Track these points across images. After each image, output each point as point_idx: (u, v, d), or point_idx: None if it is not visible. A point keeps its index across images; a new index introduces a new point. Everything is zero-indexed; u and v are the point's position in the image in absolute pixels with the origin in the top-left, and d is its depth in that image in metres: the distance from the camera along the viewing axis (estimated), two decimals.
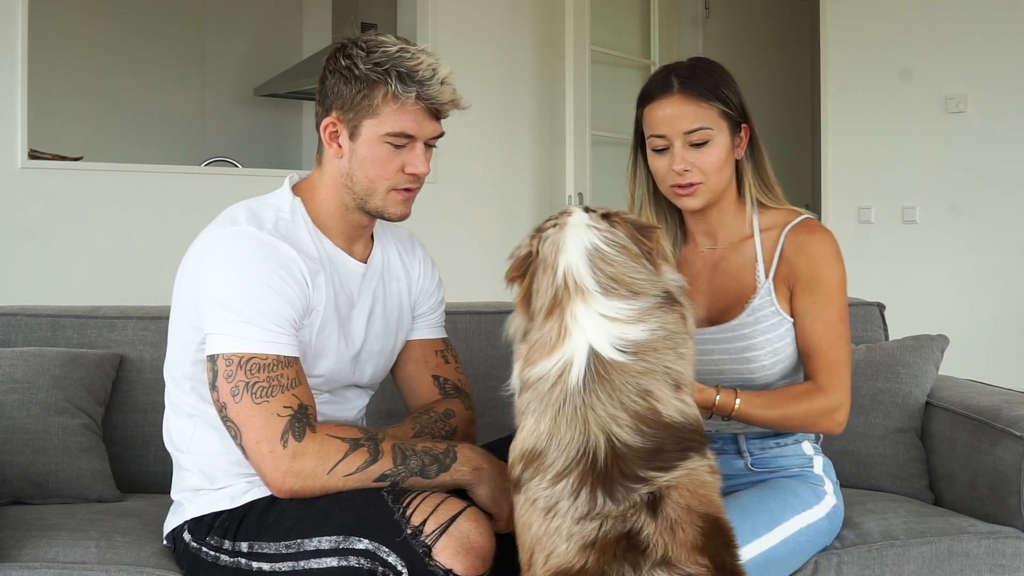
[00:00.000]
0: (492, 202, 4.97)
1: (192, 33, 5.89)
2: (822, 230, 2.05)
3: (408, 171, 1.90)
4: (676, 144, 1.99)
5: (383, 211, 1.93)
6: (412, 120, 1.87)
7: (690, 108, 1.98)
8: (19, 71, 3.86)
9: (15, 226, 3.89)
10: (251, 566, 1.81)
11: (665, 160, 2.01)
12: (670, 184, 2.01)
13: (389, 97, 1.85)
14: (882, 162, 4.90)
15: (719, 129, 2.00)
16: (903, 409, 2.48)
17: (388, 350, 2.06)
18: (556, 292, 1.67)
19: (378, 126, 1.87)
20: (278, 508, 1.83)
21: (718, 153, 2.00)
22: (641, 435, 1.58)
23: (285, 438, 1.77)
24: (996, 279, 4.65)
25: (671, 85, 2.00)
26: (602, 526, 1.56)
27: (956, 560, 2.12)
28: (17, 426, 2.28)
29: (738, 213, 2.08)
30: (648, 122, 2.03)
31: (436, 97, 1.88)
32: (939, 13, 4.77)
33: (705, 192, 2.01)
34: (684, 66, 2.04)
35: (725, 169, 2.02)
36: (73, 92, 5.29)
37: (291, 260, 1.84)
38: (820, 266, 2.00)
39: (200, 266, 1.86)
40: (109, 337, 2.53)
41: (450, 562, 1.68)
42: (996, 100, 4.64)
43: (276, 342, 1.80)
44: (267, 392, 1.77)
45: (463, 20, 4.88)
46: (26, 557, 1.91)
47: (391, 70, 1.85)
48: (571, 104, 4.72)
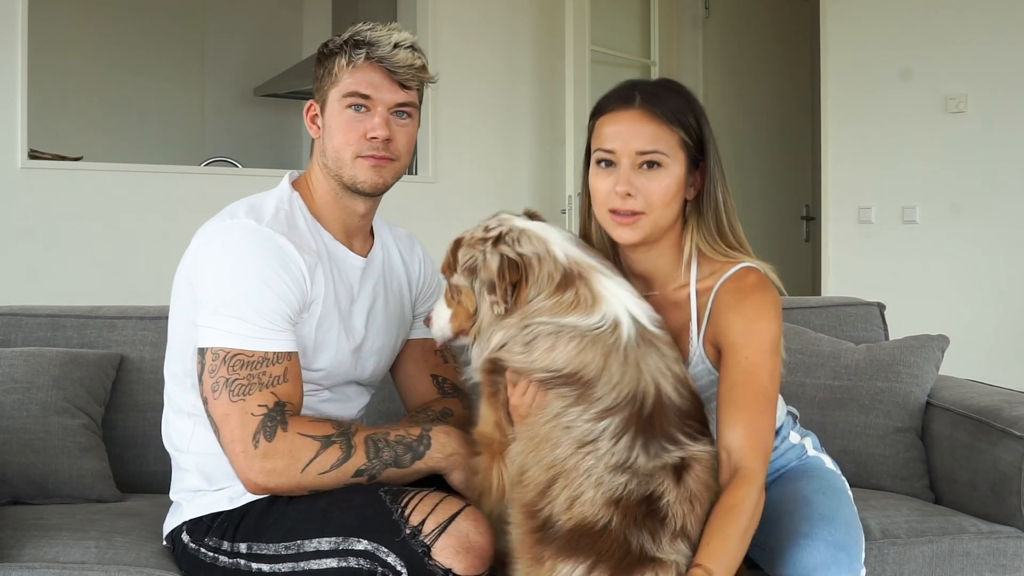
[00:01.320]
0: (492, 202, 4.95)
1: (192, 33, 5.89)
2: (757, 285, 1.80)
3: (369, 136, 1.90)
4: (624, 163, 1.78)
5: (355, 181, 1.93)
6: (365, 81, 1.91)
7: (649, 127, 1.78)
8: (19, 71, 3.86)
9: (15, 226, 3.89)
10: (250, 567, 1.81)
11: (609, 179, 1.79)
12: (609, 208, 1.80)
13: (344, 62, 1.91)
14: (882, 162, 4.90)
15: (675, 159, 1.79)
16: (903, 409, 2.48)
17: (389, 346, 2.06)
18: (566, 271, 1.72)
19: (338, 92, 1.92)
20: (277, 509, 1.83)
21: (668, 183, 1.78)
22: (680, 395, 1.69)
23: (257, 438, 1.77)
24: (996, 279, 4.65)
25: (632, 99, 1.80)
26: (628, 484, 1.62)
27: (957, 559, 2.13)
28: (17, 426, 2.28)
29: (677, 259, 1.86)
30: (599, 135, 1.82)
31: (388, 58, 1.91)
32: (939, 13, 4.77)
33: (646, 226, 1.79)
34: (651, 83, 1.87)
35: (672, 204, 1.81)
36: (73, 92, 5.29)
37: (288, 254, 1.85)
38: (749, 321, 1.76)
39: (197, 257, 1.87)
40: (109, 337, 2.53)
41: (449, 561, 1.68)
42: (996, 100, 4.64)
43: (265, 338, 1.80)
44: (245, 390, 1.78)
45: (463, 20, 4.88)
46: (26, 557, 1.91)
47: (350, 40, 1.92)
48: (571, 104, 4.72)
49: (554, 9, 4.92)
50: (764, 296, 1.79)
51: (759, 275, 1.82)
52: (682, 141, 1.80)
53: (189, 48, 5.88)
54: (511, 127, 4.99)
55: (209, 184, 4.45)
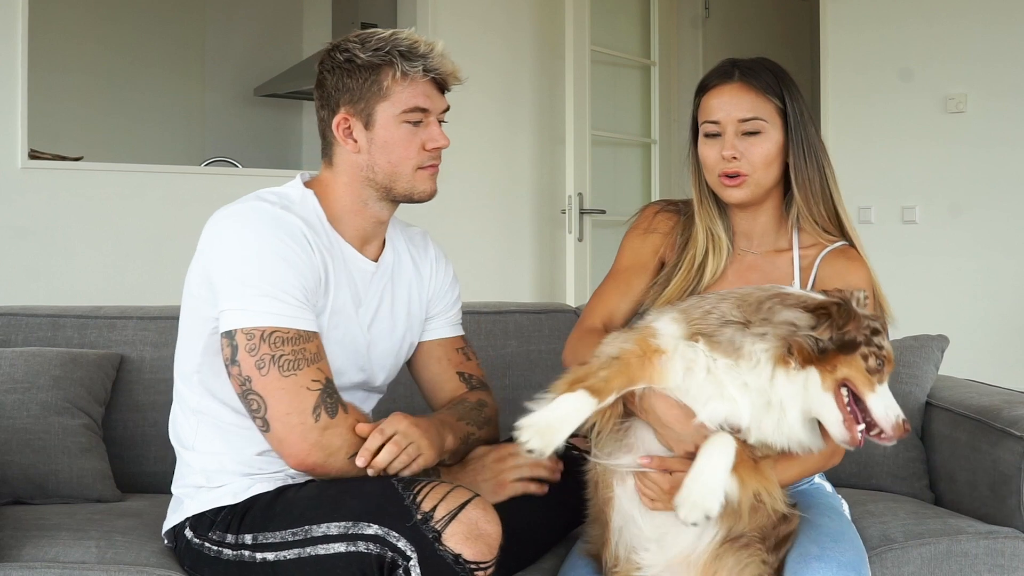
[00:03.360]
0: (492, 202, 4.97)
1: (192, 33, 5.89)
2: (860, 258, 2.03)
3: (429, 147, 1.92)
4: (728, 131, 1.98)
5: (411, 192, 1.94)
6: (423, 94, 1.91)
7: (747, 97, 1.98)
8: (19, 71, 3.85)
9: (15, 226, 3.89)
10: (255, 557, 1.81)
11: (716, 147, 2.00)
12: (718, 173, 2.00)
13: (398, 76, 1.89)
14: (882, 162, 4.90)
15: (772, 124, 1.99)
16: (903, 409, 2.47)
17: (395, 351, 2.06)
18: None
19: (392, 107, 1.90)
20: (285, 499, 1.84)
21: (768, 147, 1.99)
22: None
23: (317, 412, 1.79)
24: (996, 279, 4.64)
25: (732, 74, 2.01)
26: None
27: (955, 560, 2.13)
28: (17, 426, 2.28)
29: (780, 223, 2.06)
30: (704, 108, 2.03)
31: (440, 67, 1.92)
32: (939, 13, 4.76)
33: (751, 185, 1.99)
34: (749, 60, 2.05)
35: (773, 166, 2.00)
36: (73, 92, 5.29)
37: (300, 232, 1.85)
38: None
39: (212, 244, 1.86)
40: (109, 337, 2.53)
41: (459, 547, 1.69)
42: (996, 100, 4.64)
43: (295, 316, 1.81)
44: (294, 365, 1.79)
45: (463, 20, 4.87)
46: (26, 557, 1.91)
47: (392, 51, 1.89)
48: (571, 104, 4.71)
49: (554, 9, 4.92)
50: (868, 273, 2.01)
51: (859, 254, 2.03)
52: (778, 109, 1.99)
53: (189, 48, 5.88)
54: (511, 127, 4.99)
55: (209, 184, 4.44)
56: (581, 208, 4.74)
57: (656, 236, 2.12)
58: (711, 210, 2.06)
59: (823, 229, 2.03)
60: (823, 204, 2.03)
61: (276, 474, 1.91)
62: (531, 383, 2.64)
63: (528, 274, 5.05)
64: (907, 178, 4.84)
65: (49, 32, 4.82)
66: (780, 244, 2.06)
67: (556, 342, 2.71)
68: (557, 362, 2.69)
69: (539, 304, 2.87)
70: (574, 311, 2.79)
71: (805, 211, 2.02)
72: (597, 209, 4.81)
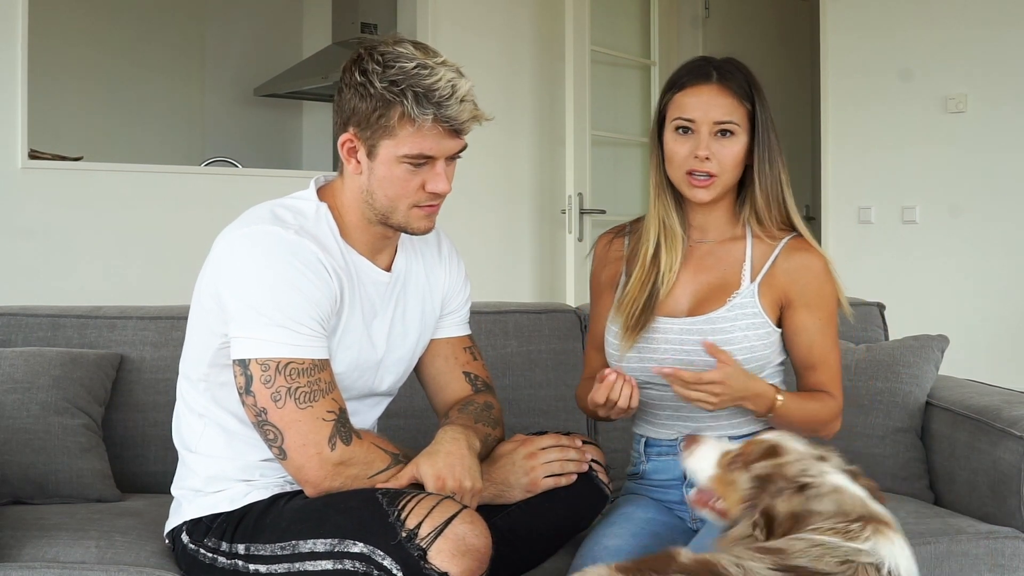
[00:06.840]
0: (492, 202, 4.97)
1: (192, 33, 5.89)
2: (817, 249, 2.09)
3: (428, 190, 1.86)
4: (703, 131, 2.02)
5: (406, 226, 1.90)
6: (429, 141, 1.82)
7: (724, 100, 2.03)
8: (19, 71, 3.85)
9: (15, 226, 3.89)
10: (248, 568, 1.81)
11: (687, 144, 2.03)
12: (687, 170, 2.03)
13: (405, 119, 1.79)
14: (882, 162, 4.90)
15: (743, 128, 2.05)
16: (903, 409, 2.48)
17: (407, 357, 2.04)
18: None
19: (395, 147, 1.82)
20: (275, 510, 1.83)
21: (737, 149, 2.04)
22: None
23: (333, 441, 1.78)
24: (996, 279, 4.64)
25: (709, 75, 2.05)
26: None
27: (955, 560, 2.13)
28: (17, 426, 2.28)
29: (732, 217, 2.12)
30: (678, 105, 2.05)
31: (455, 118, 1.80)
32: (939, 13, 4.76)
33: (718, 186, 2.04)
34: (721, 61, 2.09)
35: (738, 168, 2.06)
36: (73, 92, 5.29)
37: (316, 258, 1.82)
38: (822, 284, 2.06)
39: (222, 266, 1.83)
40: (109, 337, 2.53)
41: (446, 565, 1.66)
42: (996, 100, 4.64)
43: (309, 346, 1.79)
44: (310, 397, 1.77)
45: (463, 20, 4.87)
46: (26, 557, 1.91)
47: (407, 90, 1.77)
48: (571, 104, 4.71)
49: (554, 9, 4.91)
50: (826, 262, 2.07)
51: (815, 244, 2.09)
52: (748, 113, 2.05)
53: (189, 48, 5.88)
54: (511, 127, 4.99)
55: (209, 184, 4.44)
56: (581, 208, 4.74)
57: (613, 264, 2.19)
58: (668, 202, 2.10)
59: (776, 227, 2.09)
60: (777, 206, 2.09)
61: (275, 481, 1.91)
62: (531, 383, 2.65)
63: (528, 274, 5.05)
64: (907, 178, 4.84)
65: (49, 32, 4.82)
66: (734, 233, 2.12)
67: (556, 342, 2.71)
68: (557, 362, 2.70)
69: (539, 304, 2.87)
70: (574, 311, 2.79)
71: (764, 211, 2.08)
72: (597, 209, 4.81)
